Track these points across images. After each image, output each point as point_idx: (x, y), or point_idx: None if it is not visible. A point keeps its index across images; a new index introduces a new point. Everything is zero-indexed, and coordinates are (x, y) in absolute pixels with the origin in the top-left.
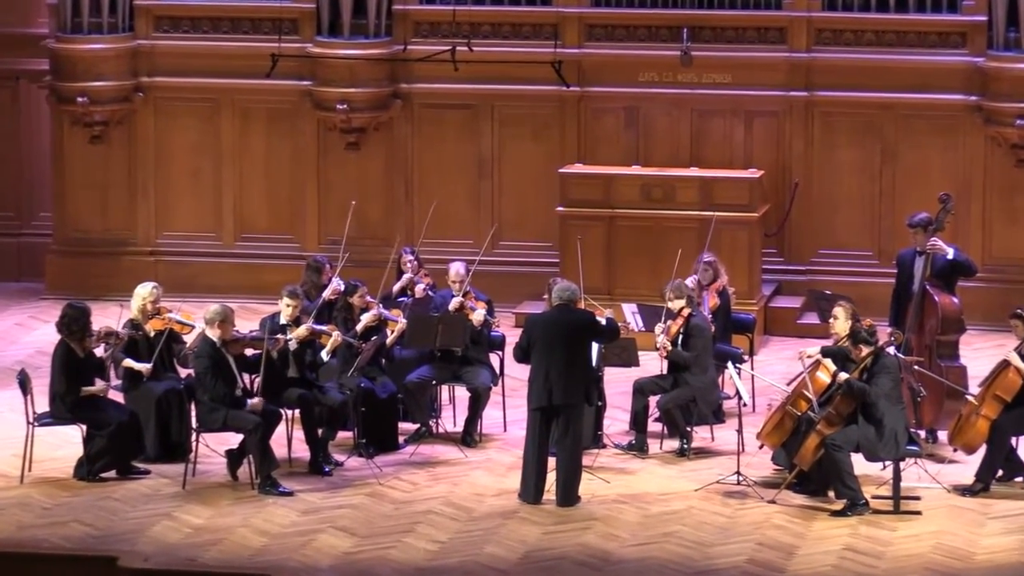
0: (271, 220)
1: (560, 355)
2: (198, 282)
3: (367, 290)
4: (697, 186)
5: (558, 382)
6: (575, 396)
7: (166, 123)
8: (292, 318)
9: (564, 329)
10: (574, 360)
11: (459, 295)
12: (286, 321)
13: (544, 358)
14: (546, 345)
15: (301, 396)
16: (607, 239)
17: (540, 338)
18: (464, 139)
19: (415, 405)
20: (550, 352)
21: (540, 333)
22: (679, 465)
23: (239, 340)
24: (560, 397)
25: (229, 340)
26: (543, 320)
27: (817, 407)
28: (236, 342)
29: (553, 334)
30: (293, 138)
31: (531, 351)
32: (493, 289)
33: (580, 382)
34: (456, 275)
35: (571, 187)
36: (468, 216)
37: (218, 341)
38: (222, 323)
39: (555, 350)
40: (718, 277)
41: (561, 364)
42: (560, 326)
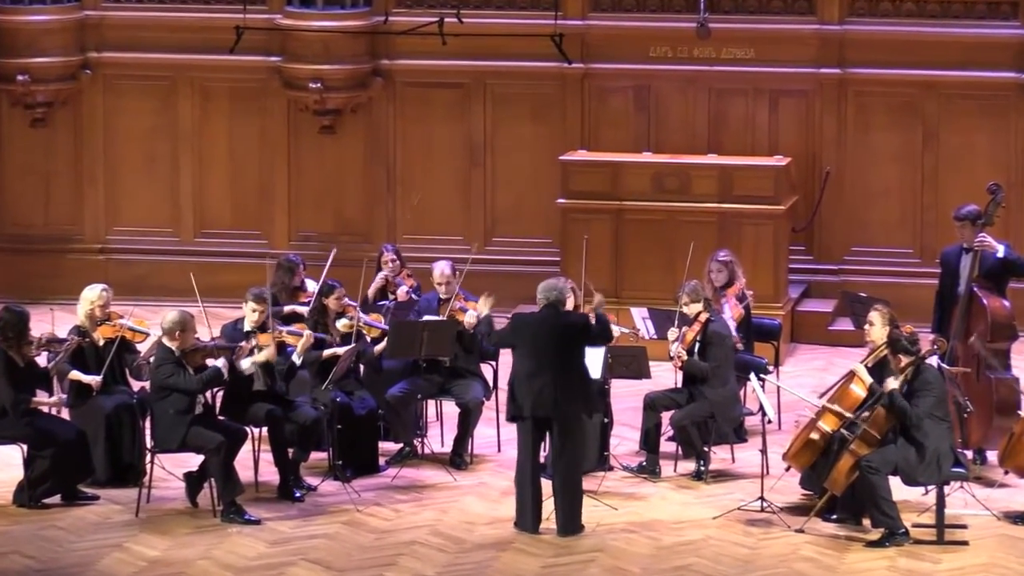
0: (235, 214)
1: (551, 362)
2: (153, 283)
3: (344, 292)
4: (715, 175)
5: (550, 392)
6: (570, 407)
7: (117, 104)
8: (258, 324)
9: (554, 333)
10: (567, 368)
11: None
12: (250, 328)
13: (534, 366)
14: (536, 352)
15: (269, 412)
16: (614, 235)
17: (527, 343)
18: (453, 122)
19: (398, 422)
20: (541, 359)
21: (525, 338)
22: (695, 490)
23: (200, 349)
24: (552, 408)
25: (189, 350)
26: (531, 323)
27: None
28: (197, 352)
29: (542, 339)
30: (260, 121)
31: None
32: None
33: (575, 392)
34: (441, 276)
35: (573, 176)
36: (457, 209)
37: (177, 351)
38: (182, 333)
39: (546, 357)
40: (735, 280)
41: (552, 373)
42: (549, 330)
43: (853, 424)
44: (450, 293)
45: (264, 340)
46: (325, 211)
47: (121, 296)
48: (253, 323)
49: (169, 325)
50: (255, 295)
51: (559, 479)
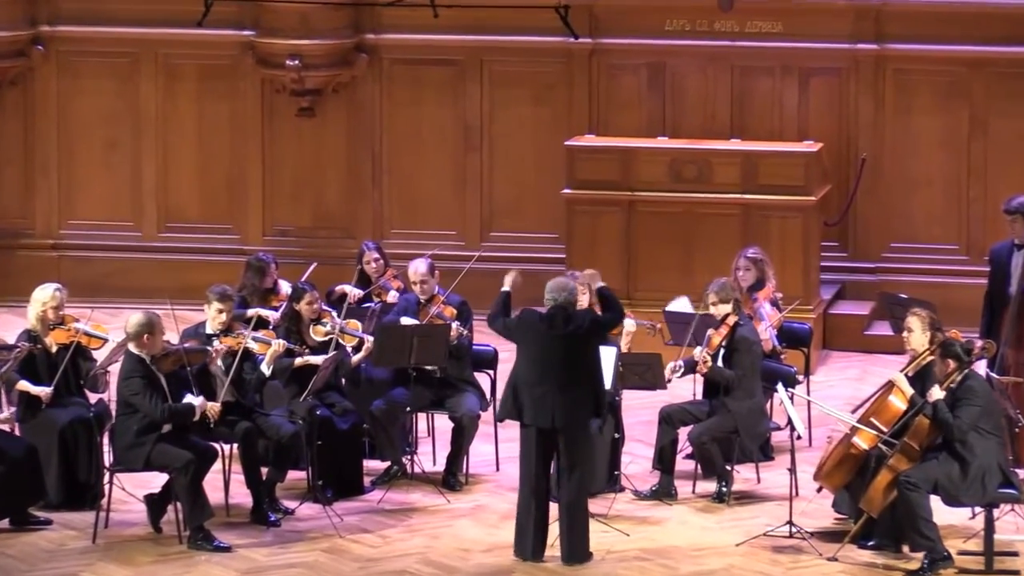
0: (204, 206)
1: (556, 372)
2: (112, 284)
3: (318, 295)
4: (738, 163)
5: (553, 403)
6: (578, 418)
7: (72, 84)
8: (223, 327)
9: (561, 340)
10: (574, 377)
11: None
12: (214, 331)
13: (535, 371)
14: (541, 359)
15: (241, 428)
16: (625, 229)
17: (531, 346)
18: (446, 104)
19: (384, 438)
20: (543, 366)
21: (529, 340)
22: (716, 513)
23: (171, 354)
24: (557, 419)
25: (159, 355)
26: (537, 325)
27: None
28: (168, 357)
29: (549, 345)
30: (231, 103)
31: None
32: (482, 292)
33: (584, 402)
34: (415, 274)
35: (580, 164)
36: (451, 201)
37: (147, 357)
38: (150, 337)
39: (553, 364)
40: (765, 280)
41: (557, 383)
42: (556, 336)
43: (892, 439)
44: (427, 294)
45: (229, 343)
46: (303, 203)
47: (77, 297)
48: (219, 325)
49: (135, 328)
50: (219, 293)
51: (565, 499)
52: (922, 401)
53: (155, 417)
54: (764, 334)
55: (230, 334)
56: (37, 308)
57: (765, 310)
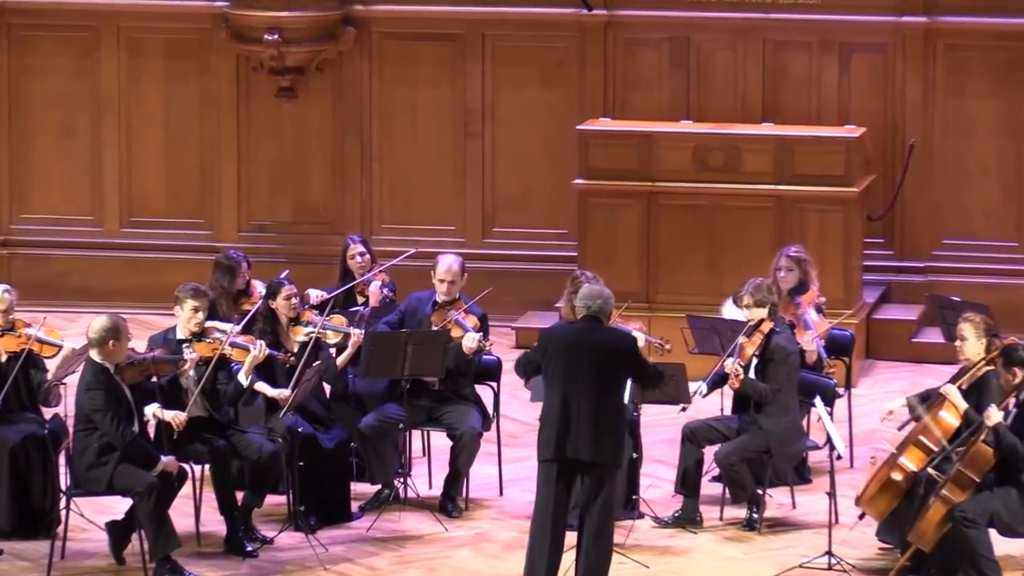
0: (172, 198)
1: (588, 391)
2: (68, 284)
3: (296, 290)
4: (771, 149)
5: (585, 429)
6: (608, 450)
7: (23, 62)
8: (199, 328)
9: (594, 354)
10: (607, 399)
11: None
12: (186, 335)
13: (563, 393)
14: (567, 375)
15: (212, 446)
16: (644, 224)
17: (559, 364)
18: (444, 83)
19: (375, 458)
20: (572, 384)
21: (559, 357)
22: (746, 542)
23: (137, 364)
24: (588, 451)
25: (125, 364)
26: (564, 338)
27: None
28: (134, 367)
29: (578, 360)
30: (202, 82)
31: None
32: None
33: (614, 431)
34: (448, 272)
35: (594, 150)
36: (450, 192)
37: (111, 366)
38: (115, 343)
39: (580, 383)
40: (808, 283)
41: (590, 404)
42: (588, 349)
43: (945, 461)
44: (450, 296)
45: (203, 351)
46: (283, 195)
47: (29, 300)
48: (194, 327)
49: (98, 334)
50: (191, 290)
51: (589, 533)
52: (978, 419)
53: (116, 442)
54: (810, 345)
55: (204, 339)
56: None
57: (811, 317)
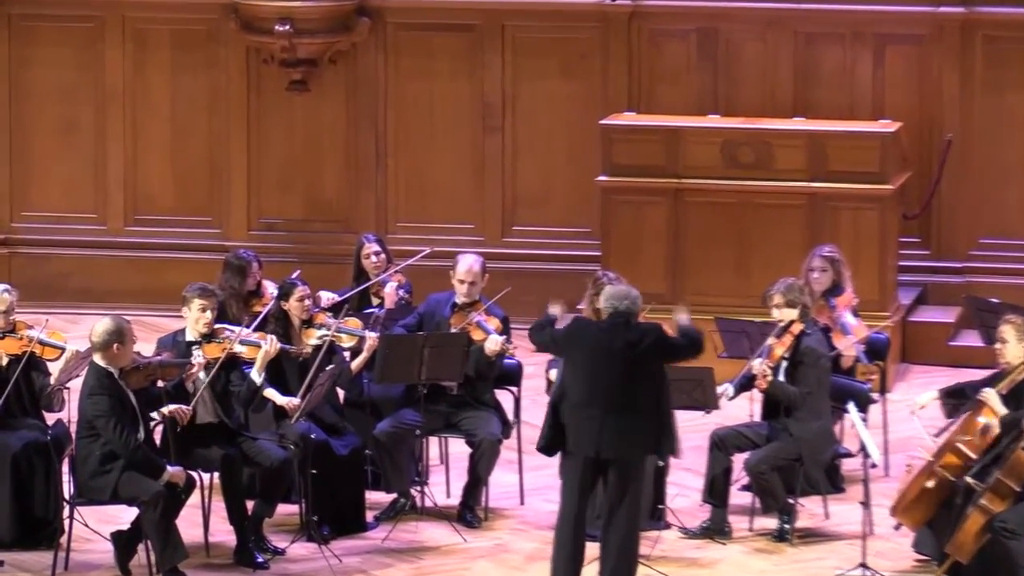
0: (179, 195)
1: (611, 391)
2: (71, 284)
3: (309, 291)
4: (803, 145)
5: (606, 429)
6: (635, 449)
7: (25, 53)
8: (208, 328)
9: (621, 356)
10: (634, 399)
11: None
12: (195, 337)
13: (585, 391)
14: (592, 375)
15: (226, 454)
16: (671, 222)
17: (582, 361)
18: (462, 76)
19: (390, 466)
20: (593, 385)
21: (582, 355)
22: (777, 554)
23: (143, 368)
24: (611, 448)
25: (130, 368)
26: (592, 335)
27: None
28: (140, 371)
29: (603, 362)
30: (211, 75)
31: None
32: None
33: (642, 432)
34: (468, 272)
35: (618, 146)
36: (468, 189)
37: (115, 371)
38: (120, 347)
39: (603, 384)
40: (841, 285)
41: (612, 405)
42: (614, 353)
43: (983, 469)
44: (470, 297)
45: (212, 352)
46: (295, 192)
47: (30, 301)
48: (204, 328)
49: (102, 337)
50: (199, 290)
51: (615, 539)
52: (1018, 428)
53: (121, 451)
54: (850, 350)
55: (214, 340)
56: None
57: (849, 321)
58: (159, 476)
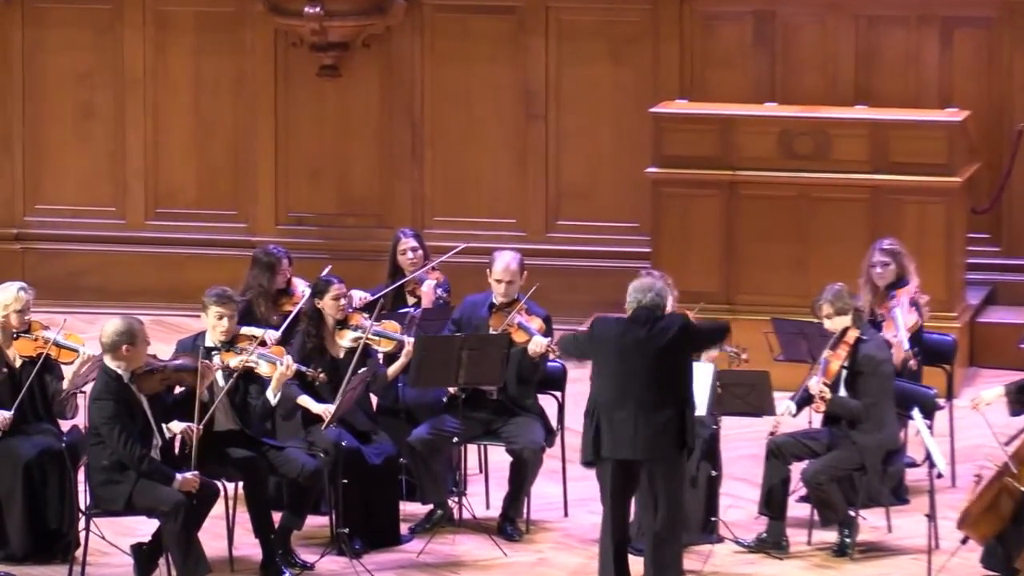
0: (202, 188)
1: (640, 387)
2: (87, 283)
3: (346, 289)
4: (865, 135)
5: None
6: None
7: (40, 37)
8: (227, 336)
9: (645, 350)
10: (664, 395)
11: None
12: (215, 343)
13: (613, 389)
14: (617, 373)
15: (246, 461)
16: (724, 217)
17: (606, 361)
18: (503, 61)
19: (426, 475)
20: (623, 382)
21: (607, 353)
22: (837, 569)
23: (157, 371)
24: (644, 449)
25: (142, 372)
26: (613, 334)
27: None
28: (154, 375)
29: (628, 358)
30: (236, 59)
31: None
32: (546, 294)
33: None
34: (506, 271)
35: (670, 136)
36: (509, 181)
37: (125, 374)
38: (130, 348)
39: (631, 380)
40: (906, 278)
41: (641, 401)
42: (639, 347)
43: None
44: (508, 296)
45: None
46: (325, 185)
47: (44, 300)
48: (221, 336)
49: (111, 338)
50: (216, 296)
51: (652, 550)
52: None
53: (124, 458)
54: (899, 348)
55: (233, 348)
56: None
57: (901, 309)
58: (168, 485)
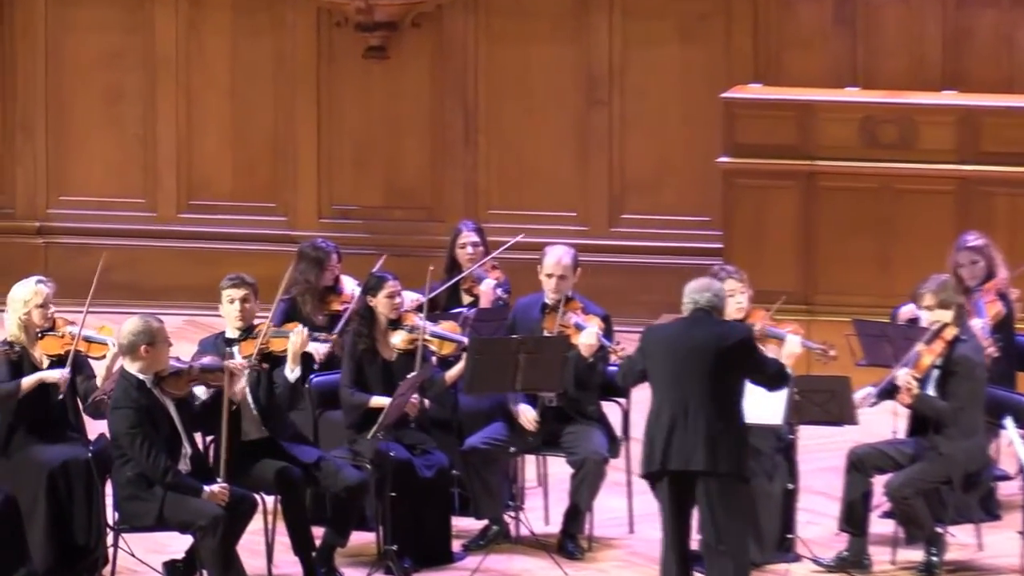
0: (240, 178)
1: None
2: (115, 279)
3: (400, 286)
4: (953, 122)
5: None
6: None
7: (64, 15)
8: (243, 322)
9: (702, 353)
10: (722, 403)
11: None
12: (234, 334)
13: (669, 399)
14: (673, 380)
15: (283, 472)
16: (802, 209)
17: (661, 366)
18: (563, 42)
19: (481, 488)
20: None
21: (661, 358)
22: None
23: (182, 374)
24: (701, 460)
25: (166, 375)
26: (666, 337)
27: None
28: (177, 376)
29: (684, 362)
30: (276, 39)
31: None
32: (610, 294)
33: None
34: (558, 265)
35: (742, 123)
36: (570, 172)
37: (147, 378)
38: (149, 348)
39: (689, 387)
40: (994, 274)
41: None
42: (695, 349)
43: None
44: (560, 293)
45: (249, 349)
46: (372, 174)
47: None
48: (237, 323)
49: (127, 338)
50: (230, 279)
51: (710, 570)
52: None
53: (148, 471)
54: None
55: (252, 336)
56: (18, 311)
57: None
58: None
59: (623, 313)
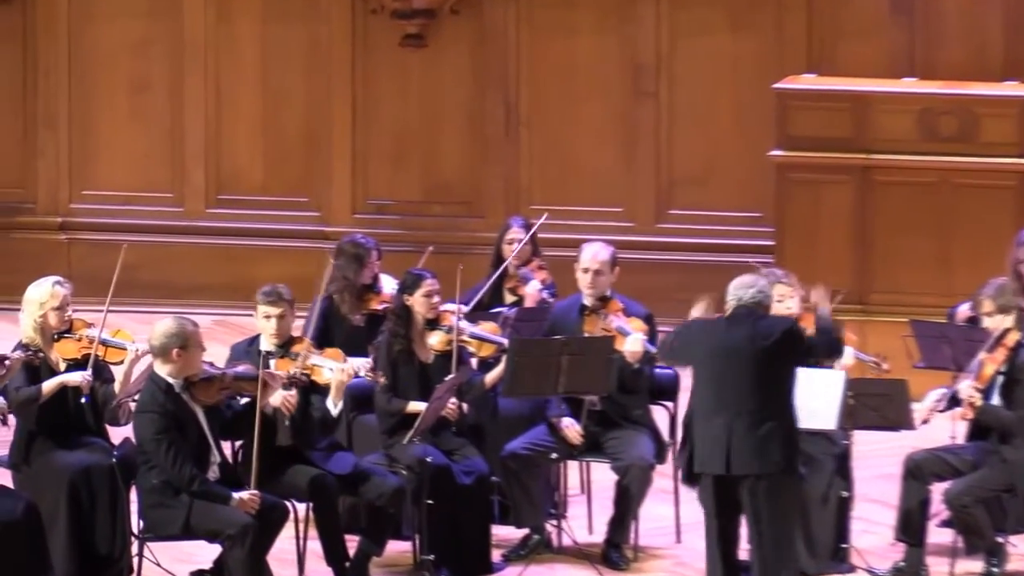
0: (271, 172)
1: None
2: (141, 278)
3: (438, 286)
4: (1015, 114)
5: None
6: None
7: (88, 5)
8: (278, 339)
9: (746, 353)
10: (766, 403)
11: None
12: (270, 348)
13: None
14: (713, 376)
15: (316, 479)
16: (857, 205)
17: (705, 363)
18: (608, 30)
19: (521, 496)
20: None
21: (705, 355)
22: None
23: (214, 379)
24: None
25: (197, 381)
26: (711, 333)
27: None
28: (209, 383)
29: (725, 361)
30: (310, 27)
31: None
32: (656, 293)
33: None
34: (594, 260)
35: (795, 115)
36: (616, 166)
37: (176, 383)
38: (182, 350)
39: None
40: None
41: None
42: (735, 345)
43: None
44: (596, 290)
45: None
46: (409, 168)
47: (91, 296)
48: (273, 339)
49: (160, 340)
50: (265, 293)
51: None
52: None
53: (174, 481)
54: None
55: (288, 355)
56: (34, 312)
57: None
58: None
59: (671, 312)
